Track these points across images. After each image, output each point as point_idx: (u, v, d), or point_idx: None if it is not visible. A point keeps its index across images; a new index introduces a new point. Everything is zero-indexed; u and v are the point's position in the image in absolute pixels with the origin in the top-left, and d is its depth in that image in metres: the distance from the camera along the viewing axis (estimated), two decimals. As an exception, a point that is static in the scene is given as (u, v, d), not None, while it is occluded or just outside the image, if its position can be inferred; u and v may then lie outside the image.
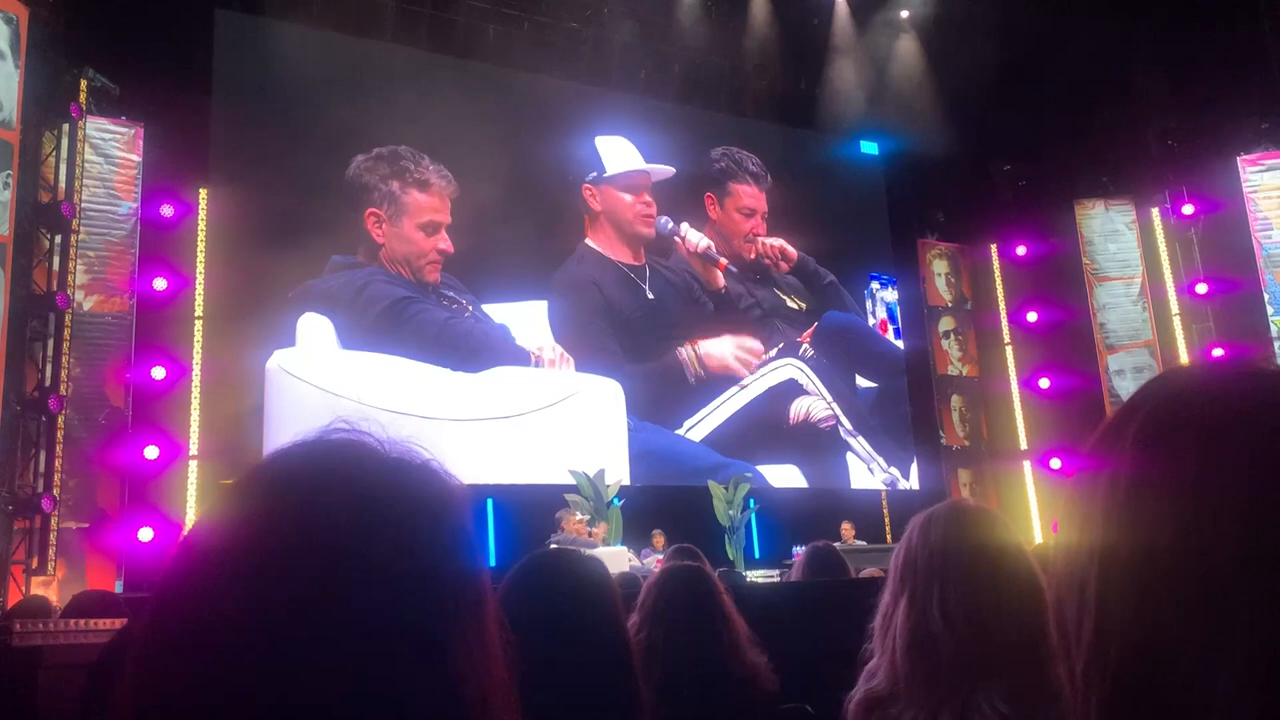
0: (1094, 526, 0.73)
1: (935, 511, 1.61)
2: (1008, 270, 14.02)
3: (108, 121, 9.56)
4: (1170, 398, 0.75)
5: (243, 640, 0.69)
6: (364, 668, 0.69)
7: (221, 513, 0.77)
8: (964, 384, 14.09)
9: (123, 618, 3.54)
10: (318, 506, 0.73)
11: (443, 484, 0.80)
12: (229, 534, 0.74)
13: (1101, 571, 0.70)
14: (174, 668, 0.70)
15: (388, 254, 10.73)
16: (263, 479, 0.78)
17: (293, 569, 0.70)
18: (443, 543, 0.76)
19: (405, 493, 0.77)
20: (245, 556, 0.71)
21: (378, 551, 0.72)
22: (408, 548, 0.73)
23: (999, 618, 1.47)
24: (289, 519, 0.73)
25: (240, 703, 0.68)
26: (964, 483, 13.66)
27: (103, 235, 9.37)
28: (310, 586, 0.70)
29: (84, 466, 8.88)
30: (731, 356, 12.42)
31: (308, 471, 0.77)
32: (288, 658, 0.68)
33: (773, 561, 10.56)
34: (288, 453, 0.79)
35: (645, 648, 2.27)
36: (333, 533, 0.72)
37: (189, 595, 0.72)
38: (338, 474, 0.76)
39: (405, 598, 0.72)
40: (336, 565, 0.71)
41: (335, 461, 0.78)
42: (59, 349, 8.81)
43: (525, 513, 10.02)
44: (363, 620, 0.70)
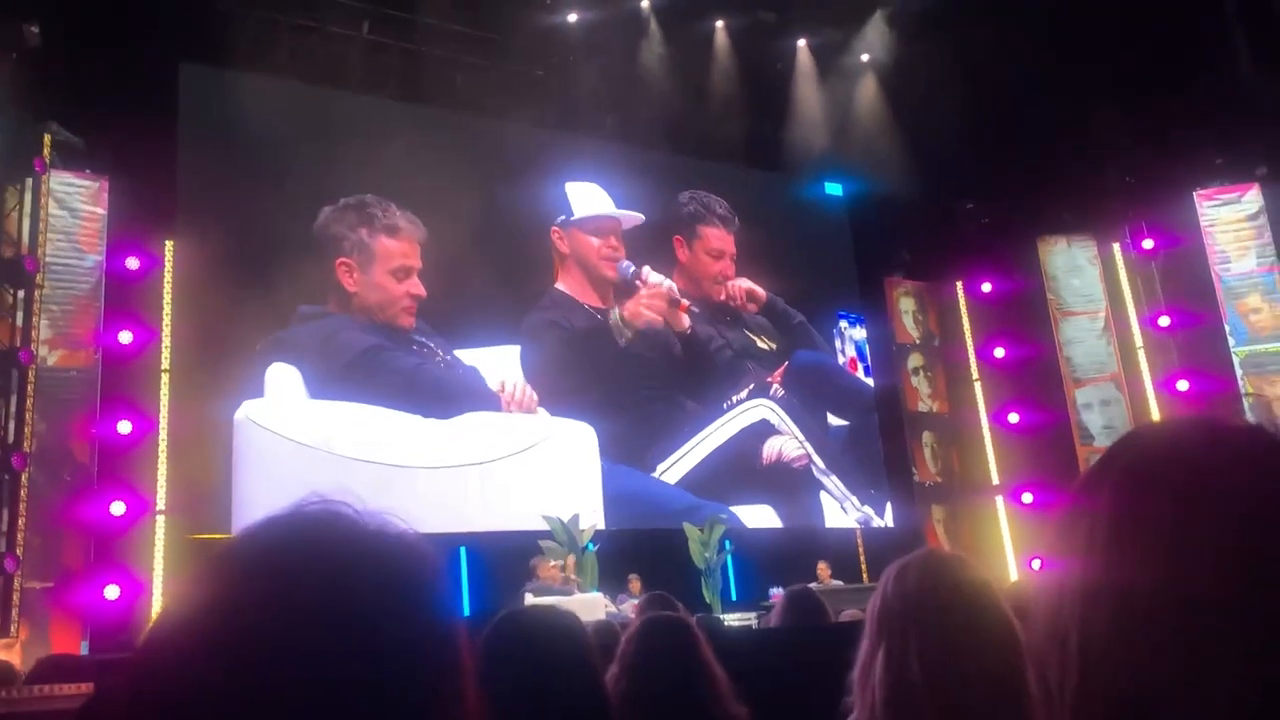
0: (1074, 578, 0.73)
1: (909, 561, 1.62)
2: (974, 307, 14.18)
3: (72, 175, 9.50)
4: (1145, 452, 0.77)
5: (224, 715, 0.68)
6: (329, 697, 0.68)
7: (196, 592, 0.75)
8: (935, 420, 14.17)
9: (88, 682, 3.46)
10: (294, 585, 0.73)
11: (419, 556, 0.80)
12: (204, 614, 0.73)
13: (1083, 627, 0.71)
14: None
15: (360, 302, 10.69)
16: (237, 557, 0.77)
17: (271, 649, 0.70)
18: (420, 616, 0.76)
19: (381, 568, 0.76)
20: (221, 637, 0.71)
21: (356, 627, 0.72)
22: (385, 624, 0.73)
23: (977, 667, 1.48)
24: (265, 599, 0.72)
25: None
26: (938, 519, 13.70)
27: (67, 289, 9.28)
28: (289, 665, 0.69)
29: (48, 524, 8.71)
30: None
31: (282, 549, 0.76)
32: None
33: (750, 603, 10.51)
34: (262, 529, 0.78)
35: (626, 699, 2.25)
36: (310, 612, 0.72)
37: (165, 679, 0.71)
38: (313, 551, 0.76)
39: (385, 672, 0.71)
40: (315, 643, 0.70)
41: (309, 537, 0.77)
42: (22, 405, 8.67)
43: (499, 560, 9.94)
44: (344, 696, 0.69)
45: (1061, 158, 12.39)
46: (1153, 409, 12.77)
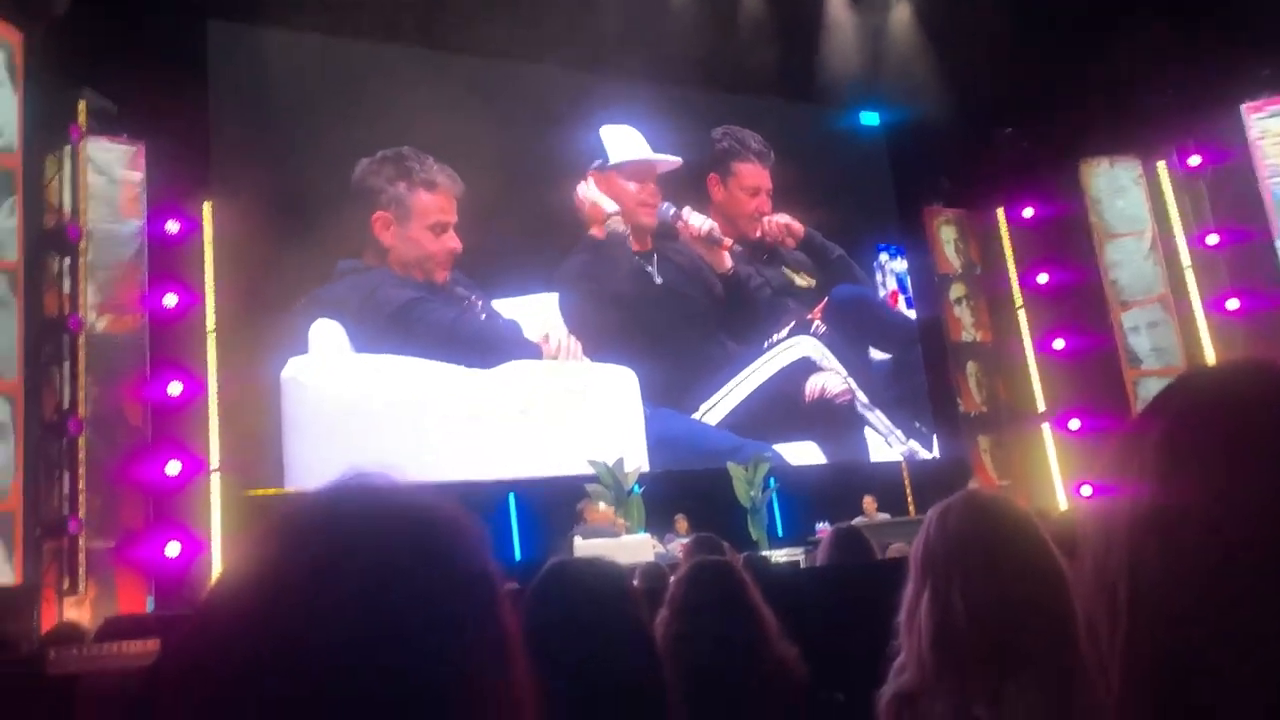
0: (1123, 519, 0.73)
1: (952, 502, 1.62)
2: (1016, 233, 13.93)
3: (108, 141, 9.58)
4: (1198, 392, 0.77)
5: (271, 689, 0.71)
6: (391, 698, 0.71)
7: (248, 562, 0.79)
8: (979, 350, 14.04)
9: (154, 639, 3.56)
10: (340, 554, 0.76)
11: (456, 523, 0.82)
12: (255, 584, 0.76)
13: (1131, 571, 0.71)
14: (211, 707, 0.72)
15: (397, 257, 10.75)
16: (286, 529, 0.80)
17: (319, 615, 0.73)
18: (459, 578, 0.78)
19: (421, 535, 0.79)
20: (273, 605, 0.74)
21: (399, 591, 0.74)
22: (429, 590, 0.76)
23: (1023, 605, 1.48)
24: (312, 569, 0.75)
25: None
26: (984, 449, 13.63)
27: (111, 255, 9.40)
28: (337, 630, 0.72)
29: (107, 486, 8.94)
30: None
31: (328, 520, 0.79)
32: (315, 702, 0.70)
33: (796, 540, 10.55)
34: (308, 502, 0.81)
35: (675, 641, 2.28)
36: (356, 578, 0.74)
37: (220, 645, 0.74)
38: (357, 521, 0.78)
39: (429, 640, 0.74)
40: (361, 608, 0.73)
41: (353, 508, 0.80)
42: (75, 371, 8.86)
43: (547, 505, 10.06)
44: (389, 657, 0.72)
45: (1102, 77, 12.05)
46: (1202, 330, 12.53)
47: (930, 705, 1.50)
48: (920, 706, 1.51)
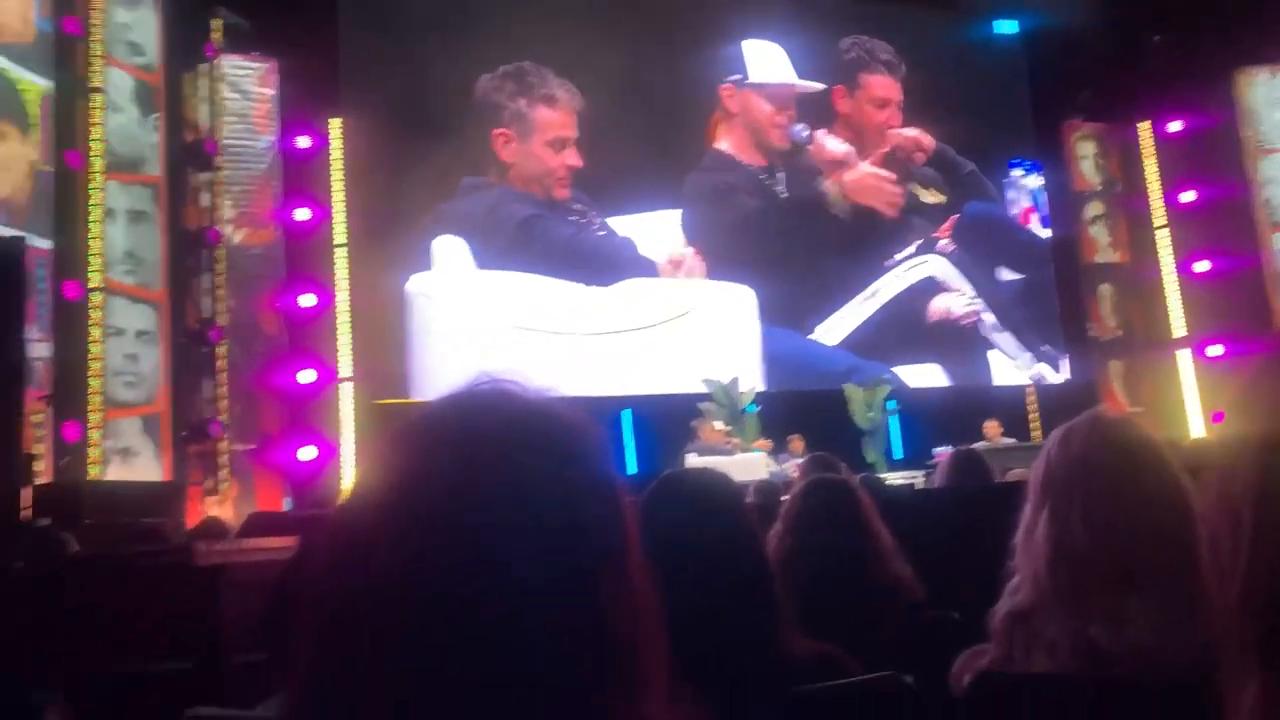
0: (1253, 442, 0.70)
1: (1075, 424, 1.57)
2: (1161, 148, 13.17)
3: (242, 59, 9.84)
4: None
5: (410, 581, 0.74)
6: (521, 600, 0.73)
7: (382, 467, 0.81)
8: (1115, 271, 13.44)
9: (291, 535, 3.75)
10: (470, 457, 0.78)
11: (581, 426, 0.84)
12: (390, 489, 0.79)
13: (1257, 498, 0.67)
14: (349, 603, 0.75)
15: (517, 173, 10.83)
16: (419, 433, 0.83)
17: (451, 516, 0.76)
18: (586, 481, 0.81)
19: (549, 438, 0.81)
20: (407, 506, 0.77)
21: (528, 493, 0.77)
22: (554, 488, 0.78)
23: (1145, 528, 1.44)
24: (444, 471, 0.78)
25: (405, 629, 0.73)
26: (1116, 374, 13.14)
27: (246, 170, 9.73)
28: (469, 530, 0.75)
29: (246, 392, 9.40)
30: (875, 192, 12.14)
31: (459, 424, 0.82)
32: (451, 592, 0.73)
33: (914, 463, 10.43)
34: (439, 407, 0.84)
35: (788, 557, 2.29)
36: (486, 479, 0.77)
37: (359, 538, 0.78)
38: (487, 424, 0.81)
39: (555, 532, 0.76)
40: (491, 508, 0.76)
41: (483, 412, 0.82)
42: (214, 282, 9.28)
43: (662, 422, 10.16)
44: (520, 555, 0.74)
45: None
46: (1364, 253, 11.72)
47: (1044, 624, 1.47)
48: (1034, 625, 1.49)
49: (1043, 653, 1.47)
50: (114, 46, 8.39)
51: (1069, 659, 1.44)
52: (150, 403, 8.36)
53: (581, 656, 0.74)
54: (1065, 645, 1.45)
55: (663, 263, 11.18)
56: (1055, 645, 1.46)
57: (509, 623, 0.73)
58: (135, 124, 8.56)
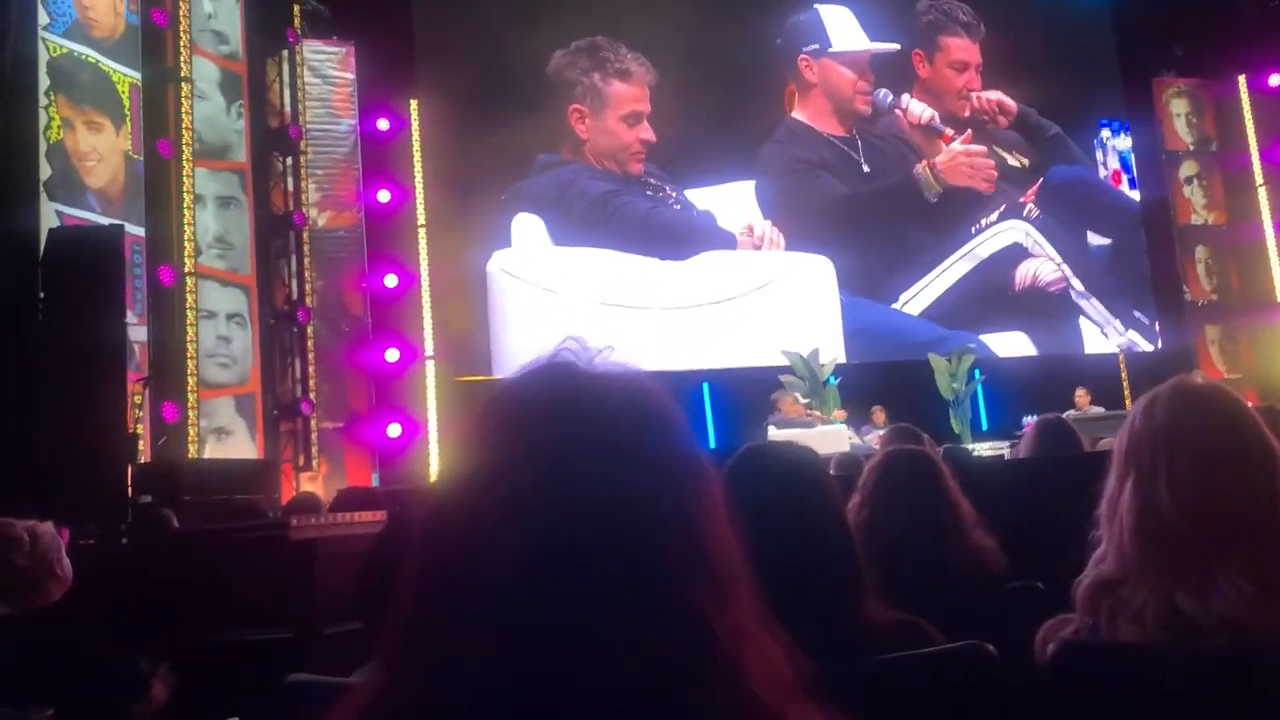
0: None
1: (1159, 392, 1.54)
2: (1259, 104, 12.63)
3: (321, 43, 10.03)
4: None
5: (500, 559, 0.78)
6: (623, 540, 0.78)
7: (472, 439, 0.86)
8: (1210, 233, 12.97)
9: (380, 510, 3.85)
10: (558, 426, 0.82)
11: (662, 393, 0.88)
12: (481, 460, 0.84)
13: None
14: (455, 557, 0.80)
15: (592, 149, 10.85)
16: (507, 404, 0.87)
17: (542, 485, 0.79)
18: (674, 447, 0.85)
19: (634, 405, 0.86)
20: (500, 480, 0.81)
21: (615, 460, 0.81)
22: (643, 454, 0.82)
23: (1231, 494, 1.41)
24: (535, 440, 0.82)
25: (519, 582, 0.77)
26: (1212, 340, 12.71)
27: (328, 153, 9.93)
28: (560, 498, 0.79)
29: (334, 371, 9.64)
30: (967, 171, 11.94)
31: (545, 394, 0.86)
32: (561, 539, 0.77)
33: (1002, 433, 10.23)
34: (522, 380, 0.88)
35: (867, 529, 2.28)
36: (574, 448, 0.81)
37: (461, 510, 0.82)
38: (571, 393, 0.85)
39: (648, 497, 0.80)
40: (582, 475, 0.80)
41: (567, 383, 0.86)
42: (300, 264, 9.51)
43: (741, 396, 10.12)
44: (611, 520, 0.79)
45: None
46: None
47: (1131, 594, 1.45)
48: (1120, 595, 1.46)
49: (1129, 622, 1.45)
50: (200, 36, 8.61)
51: (1155, 629, 1.42)
52: (243, 383, 8.62)
53: (684, 574, 0.79)
54: (1151, 615, 1.42)
55: (741, 235, 11.11)
56: (1141, 615, 1.44)
57: (618, 550, 0.77)
58: (221, 112, 8.79)
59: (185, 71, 8.35)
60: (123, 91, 7.68)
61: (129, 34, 7.85)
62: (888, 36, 11.99)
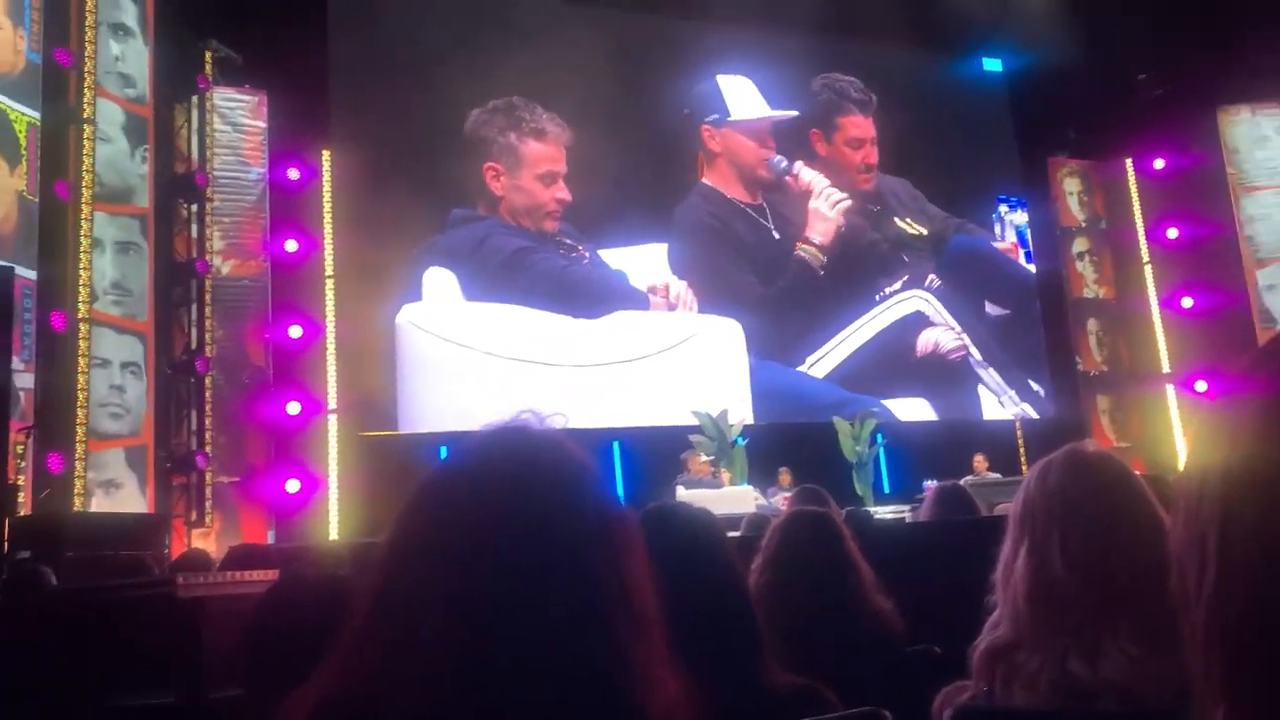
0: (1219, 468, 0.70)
1: (1053, 458, 1.58)
2: (1145, 185, 13.32)
3: (233, 91, 9.90)
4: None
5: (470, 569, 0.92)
6: (557, 586, 0.92)
7: (424, 503, 1.00)
8: (1101, 306, 13.53)
9: (274, 569, 3.72)
10: (507, 479, 0.98)
11: (585, 454, 1.04)
12: (449, 499, 0.99)
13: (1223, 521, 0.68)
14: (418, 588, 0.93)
15: (507, 206, 10.88)
16: (453, 476, 1.03)
17: (496, 537, 0.94)
18: (595, 492, 1.01)
19: (563, 464, 1.01)
20: (458, 535, 0.95)
21: (553, 504, 0.97)
22: (572, 500, 0.98)
23: (1122, 560, 1.45)
24: (490, 489, 0.97)
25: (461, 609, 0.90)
26: (1103, 409, 13.19)
27: (235, 201, 9.76)
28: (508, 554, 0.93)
29: (232, 424, 9.36)
30: (823, 215, 12.10)
31: (493, 464, 1.01)
32: (502, 575, 0.91)
33: (903, 496, 10.42)
34: (470, 450, 1.03)
35: (769, 590, 2.28)
36: (518, 508, 0.96)
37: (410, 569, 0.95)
38: (516, 462, 1.00)
39: (584, 538, 0.96)
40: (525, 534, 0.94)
41: (511, 452, 1.02)
42: (201, 313, 9.26)
43: (650, 455, 10.13)
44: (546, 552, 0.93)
45: (1246, 20, 11.33)
46: (1346, 289, 11.83)
47: (1025, 659, 1.47)
48: (1015, 660, 1.48)
49: (1022, 687, 1.47)
50: (105, 78, 8.42)
51: (1049, 693, 1.44)
52: (135, 434, 8.32)
53: (609, 618, 0.93)
54: (1044, 680, 1.44)
55: (654, 296, 11.21)
56: (1035, 680, 1.46)
57: (541, 586, 0.91)
58: (125, 155, 8.57)
59: (88, 113, 8.14)
60: (20, 130, 7.45)
61: (29, 72, 7.64)
62: (789, 107, 12.31)
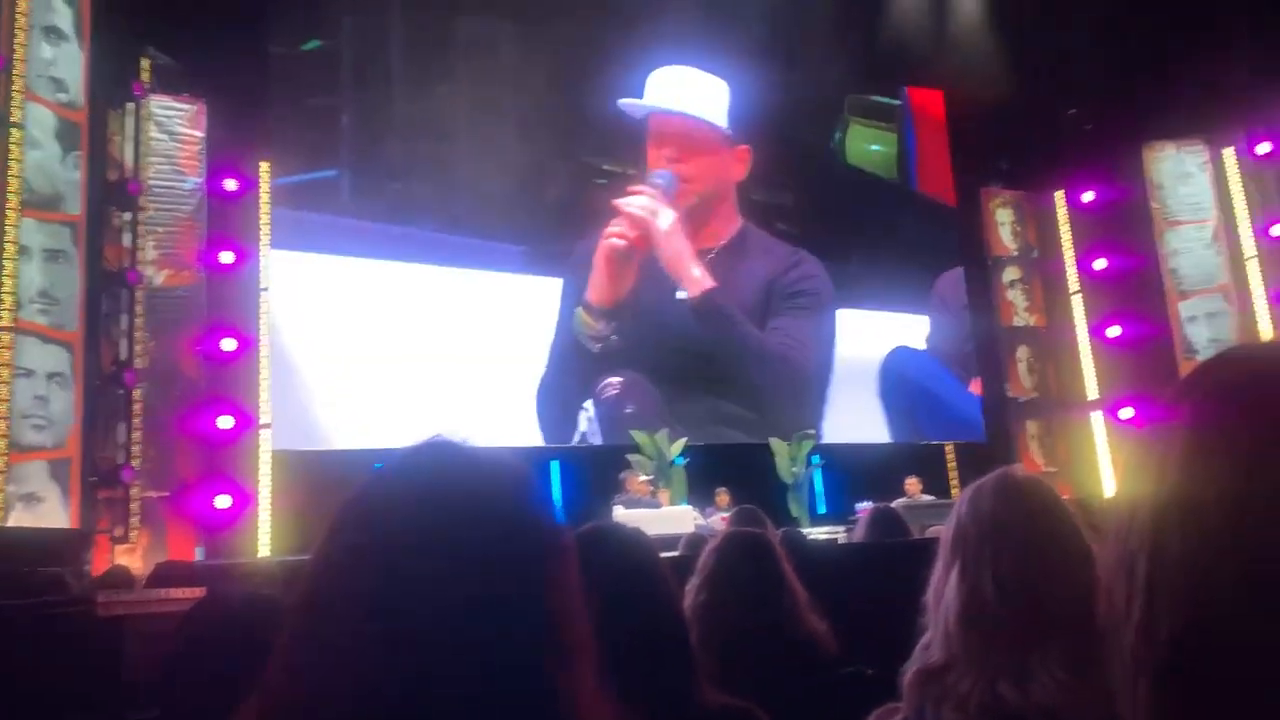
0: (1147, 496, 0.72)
1: (984, 481, 1.61)
2: (1075, 217, 13.66)
3: (170, 99, 9.72)
4: (1236, 369, 0.75)
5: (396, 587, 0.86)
6: (483, 610, 0.86)
7: (359, 506, 0.93)
8: (1031, 334, 13.83)
9: (201, 587, 3.65)
10: (436, 494, 0.91)
11: (524, 471, 0.98)
12: (370, 521, 0.91)
13: (1152, 547, 0.70)
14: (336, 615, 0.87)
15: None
16: (380, 493, 0.94)
17: (422, 561, 0.87)
18: (528, 510, 0.95)
19: (498, 479, 0.95)
20: (382, 560, 0.88)
21: (486, 522, 0.90)
22: (509, 517, 0.92)
23: (1052, 584, 1.48)
24: (419, 505, 0.90)
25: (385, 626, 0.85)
26: (1032, 435, 13.45)
27: (170, 211, 9.57)
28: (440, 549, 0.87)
29: (161, 437, 9.14)
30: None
31: (427, 468, 0.95)
32: (430, 597, 0.85)
33: (837, 518, 10.53)
34: (396, 469, 0.95)
35: (704, 610, 2.29)
36: (448, 530, 0.89)
37: (345, 566, 0.90)
38: (447, 467, 0.95)
39: (504, 553, 0.89)
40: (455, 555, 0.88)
41: (437, 470, 0.95)
42: (132, 324, 9.05)
43: (590, 474, 10.11)
44: (471, 580, 0.87)
45: (1172, 60, 11.73)
46: (1262, 323, 12.23)
47: (956, 682, 1.49)
48: (945, 683, 1.50)
49: (953, 710, 1.49)
50: (36, 82, 8.21)
51: (978, 716, 1.46)
52: (60, 447, 8.08)
53: (536, 641, 0.87)
54: (974, 702, 1.46)
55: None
56: (965, 703, 1.48)
57: (473, 611, 0.85)
58: (55, 161, 8.36)
59: (17, 117, 7.94)
60: (-55, 133, 7.24)
61: (-44, 74, 7.44)
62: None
